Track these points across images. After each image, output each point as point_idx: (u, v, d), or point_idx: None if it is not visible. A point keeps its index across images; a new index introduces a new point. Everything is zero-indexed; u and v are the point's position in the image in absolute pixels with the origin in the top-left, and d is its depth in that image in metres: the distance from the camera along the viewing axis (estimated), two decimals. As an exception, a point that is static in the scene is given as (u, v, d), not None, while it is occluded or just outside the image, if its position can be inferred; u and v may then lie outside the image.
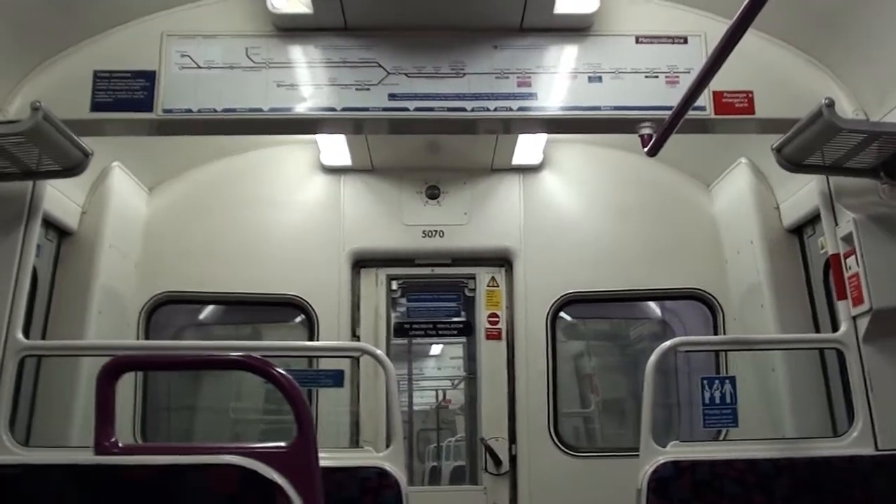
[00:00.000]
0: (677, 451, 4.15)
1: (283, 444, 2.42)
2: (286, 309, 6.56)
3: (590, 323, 7.80)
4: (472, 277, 6.68)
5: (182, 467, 1.80)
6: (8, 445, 4.28)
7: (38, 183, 4.59)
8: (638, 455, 4.16)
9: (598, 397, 7.65)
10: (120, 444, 2.49)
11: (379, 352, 4.68)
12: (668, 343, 4.37)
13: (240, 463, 1.81)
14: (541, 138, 6.28)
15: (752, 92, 4.57)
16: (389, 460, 4.26)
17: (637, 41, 4.69)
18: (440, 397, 12.59)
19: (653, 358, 4.27)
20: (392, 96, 4.59)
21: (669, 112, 4.03)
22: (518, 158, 6.51)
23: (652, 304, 7.39)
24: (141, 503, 1.77)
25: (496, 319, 6.54)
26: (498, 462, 6.27)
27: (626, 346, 8.07)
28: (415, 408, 9.01)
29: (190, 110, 4.54)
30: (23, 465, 1.77)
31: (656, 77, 4.64)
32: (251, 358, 2.43)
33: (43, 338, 5.31)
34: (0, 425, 4.27)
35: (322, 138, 6.27)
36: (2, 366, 4.31)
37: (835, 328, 4.88)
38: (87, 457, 2.12)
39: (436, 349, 12.31)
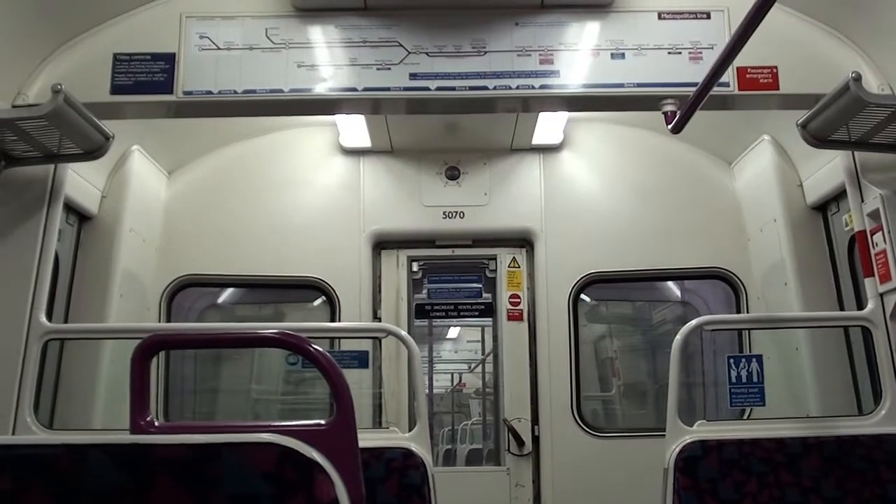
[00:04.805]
0: (704, 431, 4.12)
1: (321, 422, 2.41)
2: (307, 290, 6.55)
3: (611, 306, 7.77)
4: (493, 258, 6.66)
5: (219, 445, 1.79)
6: (33, 429, 4.30)
7: (59, 166, 4.59)
8: (661, 435, 4.14)
9: (620, 381, 7.63)
10: (156, 423, 2.50)
11: (403, 333, 4.64)
12: (694, 322, 4.34)
13: (278, 441, 1.80)
14: (561, 117, 6.24)
15: (776, 67, 4.50)
16: (415, 441, 4.26)
17: (659, 17, 4.62)
18: (455, 381, 12.60)
19: (679, 337, 4.23)
20: (413, 76, 4.54)
21: (693, 89, 3.98)
22: (538, 138, 6.47)
23: (672, 286, 7.37)
24: (179, 482, 1.76)
25: (518, 300, 6.51)
26: (521, 443, 6.26)
27: (648, 328, 8.04)
28: (433, 391, 9.01)
29: (210, 92, 4.49)
30: (63, 445, 1.76)
31: (679, 53, 4.57)
32: (288, 335, 2.43)
33: (65, 322, 5.33)
34: (25, 408, 4.29)
35: (341, 120, 6.24)
36: (26, 349, 4.32)
37: (860, 306, 4.84)
38: (125, 436, 2.12)
39: (453, 332, 12.34)
